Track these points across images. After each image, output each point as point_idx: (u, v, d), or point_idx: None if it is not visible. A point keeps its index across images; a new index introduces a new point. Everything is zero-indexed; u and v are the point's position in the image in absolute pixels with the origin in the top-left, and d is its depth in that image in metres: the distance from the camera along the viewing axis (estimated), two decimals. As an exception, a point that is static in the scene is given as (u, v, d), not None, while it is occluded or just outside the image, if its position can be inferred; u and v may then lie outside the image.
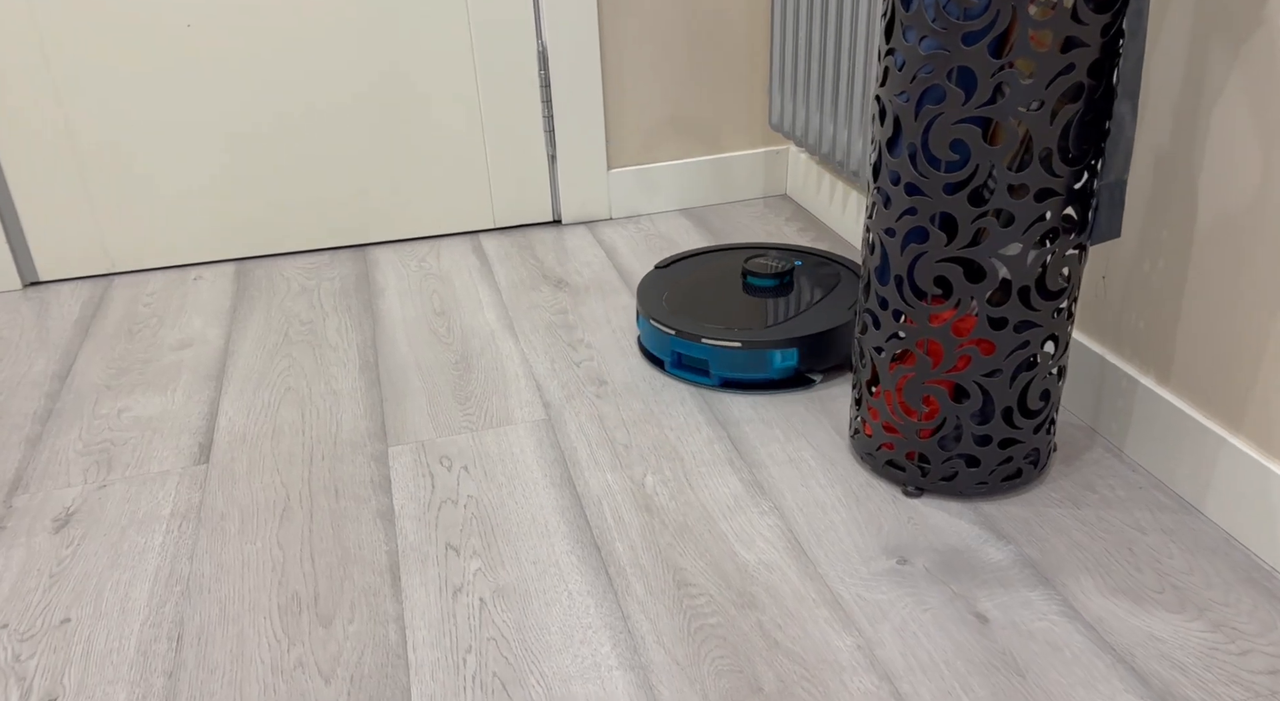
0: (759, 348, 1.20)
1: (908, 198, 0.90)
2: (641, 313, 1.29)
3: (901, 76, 0.87)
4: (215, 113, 1.55)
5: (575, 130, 1.69)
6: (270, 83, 1.55)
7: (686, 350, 1.24)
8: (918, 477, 1.01)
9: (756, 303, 1.28)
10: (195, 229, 1.62)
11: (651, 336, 1.28)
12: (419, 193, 1.68)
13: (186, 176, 1.58)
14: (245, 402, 1.25)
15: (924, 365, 0.95)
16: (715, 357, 1.22)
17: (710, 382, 1.24)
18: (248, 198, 1.62)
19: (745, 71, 1.74)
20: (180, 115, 1.54)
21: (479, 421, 1.20)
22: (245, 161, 1.59)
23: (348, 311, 1.48)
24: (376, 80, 1.59)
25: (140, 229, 1.60)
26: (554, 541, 0.99)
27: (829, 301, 1.27)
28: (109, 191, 1.57)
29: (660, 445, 1.13)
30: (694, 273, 1.37)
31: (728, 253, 1.43)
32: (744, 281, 1.33)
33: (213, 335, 1.42)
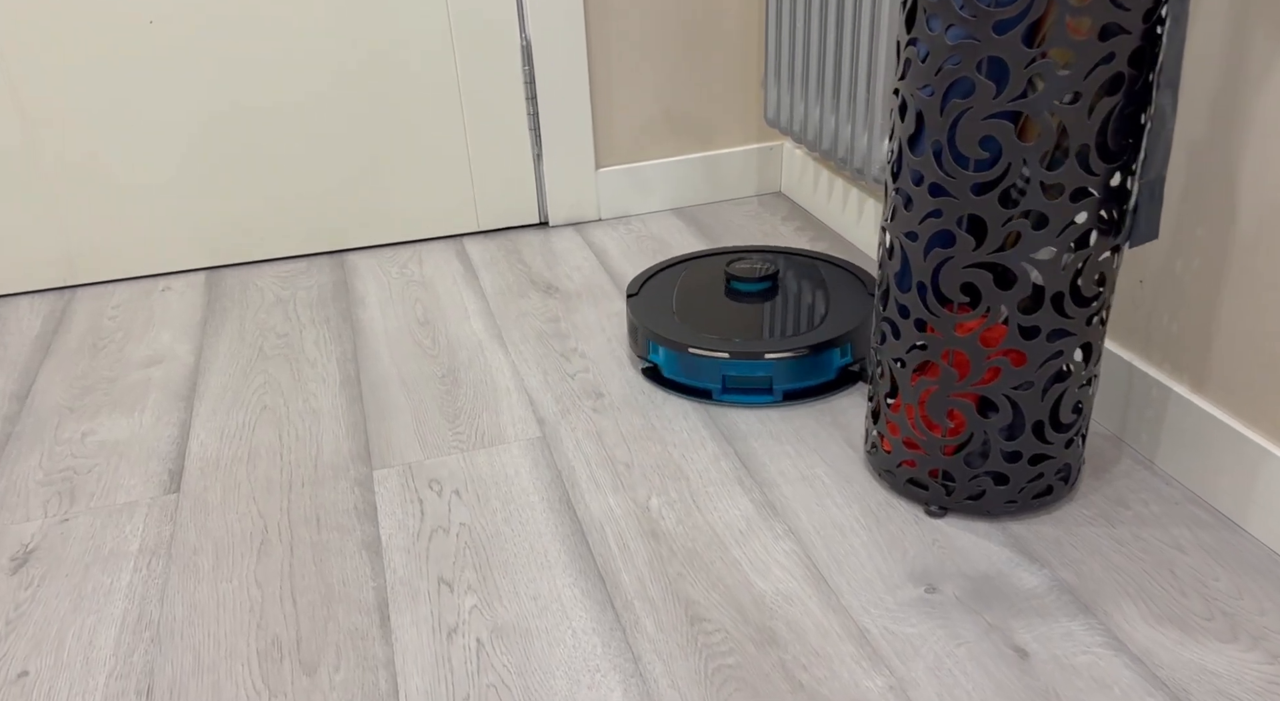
0: (822, 349, 1.13)
1: (932, 199, 0.84)
2: (665, 342, 1.15)
3: (925, 68, 0.81)
4: (182, 114, 1.47)
5: (562, 128, 1.62)
6: (239, 83, 1.47)
7: (744, 371, 1.12)
8: (942, 496, 0.94)
9: (765, 307, 1.21)
10: (163, 236, 1.54)
11: (688, 366, 1.15)
12: (399, 195, 1.61)
13: (153, 181, 1.50)
14: (218, 423, 1.17)
15: (949, 377, 0.89)
16: (780, 371, 1.12)
17: (771, 399, 1.14)
18: (218, 203, 1.54)
19: (738, 65, 1.67)
20: (145, 117, 1.46)
21: (469, 440, 1.12)
22: (215, 165, 1.51)
23: (326, 322, 1.40)
24: (352, 78, 1.51)
25: (104, 237, 1.52)
26: (555, 573, 0.92)
27: (840, 294, 1.22)
28: (71, 198, 1.48)
29: (664, 463, 1.06)
30: (677, 290, 1.26)
31: (697, 262, 1.34)
32: (730, 287, 1.26)
33: (183, 350, 1.34)
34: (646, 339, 1.18)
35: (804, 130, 1.46)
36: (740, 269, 1.26)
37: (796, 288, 1.25)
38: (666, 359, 1.17)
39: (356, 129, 1.54)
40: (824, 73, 1.37)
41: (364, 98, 1.52)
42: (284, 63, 1.47)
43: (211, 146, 1.50)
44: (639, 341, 1.20)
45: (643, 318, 1.21)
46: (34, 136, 1.43)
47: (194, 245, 1.56)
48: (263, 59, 1.46)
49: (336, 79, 1.50)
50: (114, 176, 1.48)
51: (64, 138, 1.44)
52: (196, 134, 1.48)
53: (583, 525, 0.98)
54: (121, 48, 1.41)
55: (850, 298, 1.22)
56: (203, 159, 1.50)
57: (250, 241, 1.58)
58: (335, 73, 1.50)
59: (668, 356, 1.16)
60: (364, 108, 1.53)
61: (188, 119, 1.47)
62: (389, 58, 1.51)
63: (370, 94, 1.52)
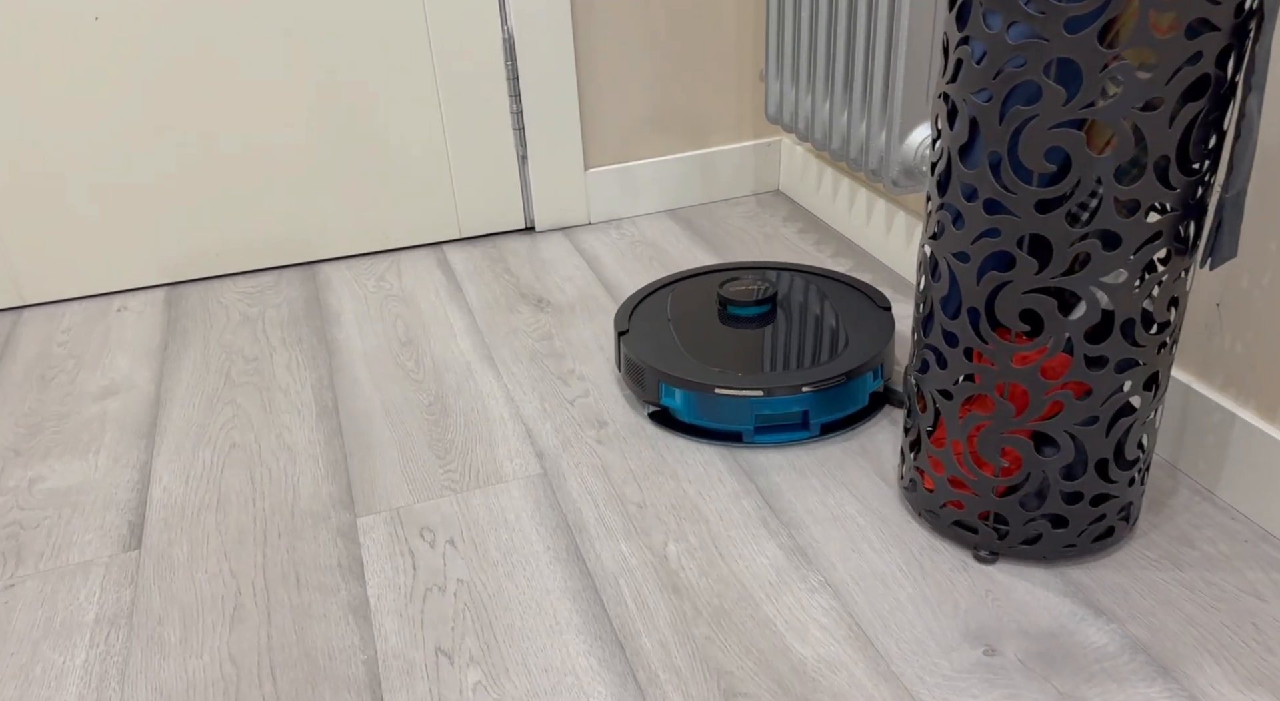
0: (858, 375, 1.03)
1: (988, 216, 0.75)
2: (683, 384, 1.03)
3: (981, 71, 0.71)
4: (135, 117, 1.34)
5: (548, 126, 1.51)
6: (195, 84, 1.35)
7: (779, 408, 1.01)
8: (992, 540, 0.85)
9: (771, 332, 1.11)
10: (117, 250, 1.42)
11: (713, 408, 1.03)
12: (373, 200, 1.49)
13: (105, 190, 1.38)
14: (183, 465, 1.06)
15: (1004, 412, 0.80)
16: (817, 403, 1.02)
17: (807, 435, 1.04)
18: (176, 213, 1.42)
19: (734, 57, 1.57)
20: (94, 120, 1.33)
21: (463, 479, 1.02)
22: (173, 172, 1.39)
23: (299, 344, 1.29)
24: (318, 75, 1.39)
25: (53, 252, 1.39)
26: (567, 638, 0.82)
27: (848, 312, 1.12)
28: (14, 210, 1.36)
29: (680, 503, 0.97)
30: (672, 320, 1.13)
31: (683, 285, 1.22)
32: (727, 311, 1.14)
33: (141, 379, 1.22)
34: (658, 381, 1.05)
35: (809, 127, 1.37)
36: (736, 292, 1.15)
37: (799, 307, 1.14)
38: (685, 402, 1.04)
39: (325, 130, 1.43)
40: (833, 65, 1.27)
41: (333, 96, 1.41)
42: (244, 60, 1.36)
43: (168, 152, 1.38)
44: (645, 384, 1.07)
45: (647, 356, 1.07)
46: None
47: (151, 260, 1.44)
48: (220, 56, 1.34)
49: (301, 76, 1.39)
50: (63, 189, 1.36)
51: (5, 149, 1.31)
52: (151, 139, 1.36)
53: (594, 579, 0.88)
54: (65, 49, 1.28)
55: (861, 314, 1.13)
56: (159, 166, 1.38)
57: (212, 254, 1.46)
58: (300, 69, 1.38)
59: (687, 399, 1.03)
60: (333, 107, 1.41)
61: (143, 126, 1.35)
62: (359, 53, 1.39)
63: (340, 94, 1.41)
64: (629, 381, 1.10)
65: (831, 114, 1.28)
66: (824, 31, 1.27)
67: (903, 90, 1.13)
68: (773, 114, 1.47)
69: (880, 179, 1.22)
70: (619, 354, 1.12)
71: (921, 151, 1.15)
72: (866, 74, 1.20)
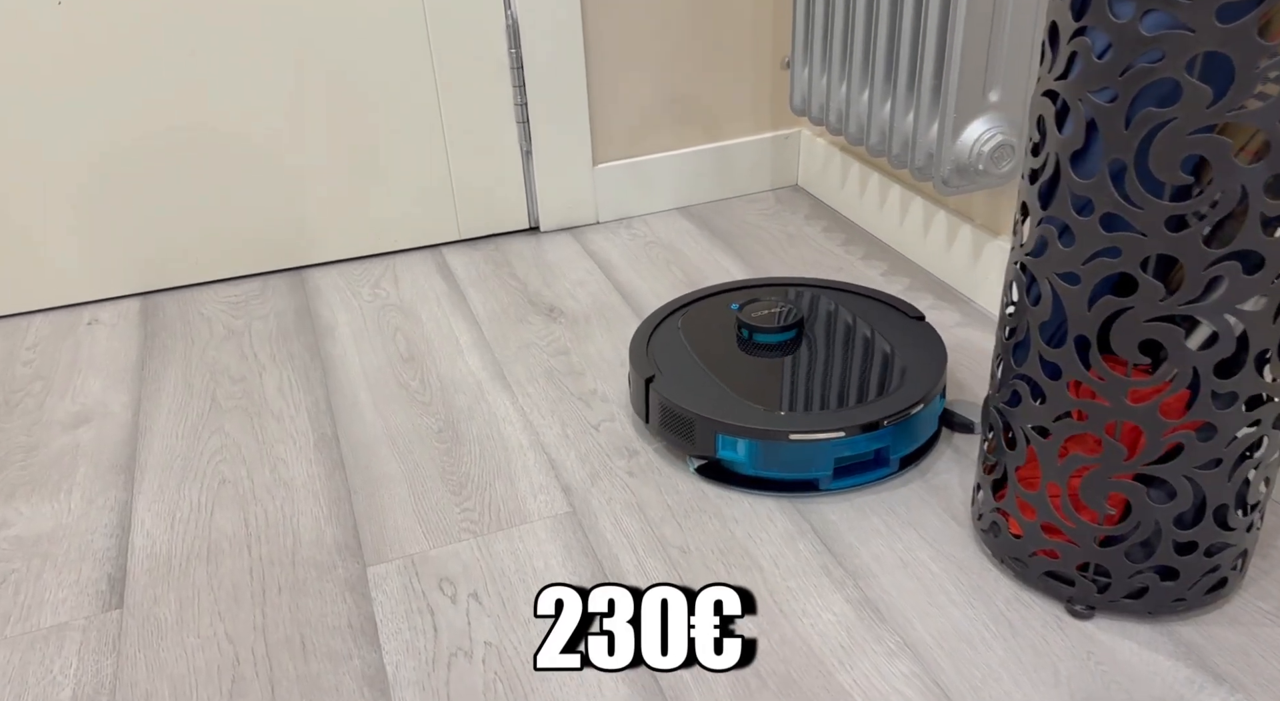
0: (930, 400, 0.92)
1: (1106, 233, 0.65)
2: (749, 433, 0.89)
3: (1104, 67, 0.61)
4: (103, 109, 1.22)
5: (554, 119, 1.40)
6: (169, 67, 1.23)
7: (859, 448, 0.89)
8: (1090, 593, 0.76)
9: (805, 359, 0.98)
10: (86, 256, 1.29)
11: (786, 456, 0.90)
12: (365, 199, 1.38)
13: (72, 190, 1.25)
14: (167, 505, 0.95)
15: (1113, 454, 0.70)
16: (897, 437, 0.91)
17: (887, 472, 0.93)
18: (151, 214, 1.30)
19: (750, 44, 1.46)
20: (59, 113, 1.21)
21: (483, 520, 0.92)
22: (146, 168, 1.27)
23: (290, 361, 1.17)
24: (306, 63, 1.27)
25: (14, 259, 1.27)
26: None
27: (886, 329, 1.02)
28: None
29: (727, 546, 0.87)
30: (699, 357, 0.99)
31: (690, 311, 1.08)
32: (754, 340, 1.01)
33: (117, 403, 1.11)
34: (713, 433, 0.91)
35: (843, 120, 1.26)
36: (759, 317, 1.02)
37: (827, 328, 1.03)
38: (750, 452, 0.90)
39: (312, 122, 1.31)
40: (873, 51, 1.16)
41: (321, 88, 1.29)
42: (220, 45, 1.23)
43: (141, 147, 1.25)
44: (697, 436, 0.92)
45: (693, 403, 0.92)
46: (-80, 144, 1.18)
47: (124, 265, 1.31)
48: (195, 41, 1.22)
49: (283, 63, 1.27)
50: (25, 188, 1.23)
51: (-42, 145, 1.19)
52: (122, 133, 1.24)
53: (641, 640, 0.78)
54: (25, 36, 1.16)
55: (897, 329, 1.02)
56: (131, 163, 1.26)
57: (191, 260, 1.34)
58: (282, 55, 1.26)
59: (752, 449, 0.90)
60: (320, 97, 1.29)
61: (112, 119, 1.22)
62: (349, 38, 1.27)
63: (329, 84, 1.29)
64: (667, 433, 0.95)
65: (871, 105, 1.18)
66: (862, 13, 1.16)
67: (958, 80, 1.03)
68: (798, 105, 1.36)
69: (926, 178, 1.12)
70: (646, 402, 0.97)
71: (979, 149, 1.05)
72: (915, 61, 1.10)
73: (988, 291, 1.19)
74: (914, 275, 1.29)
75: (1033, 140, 0.70)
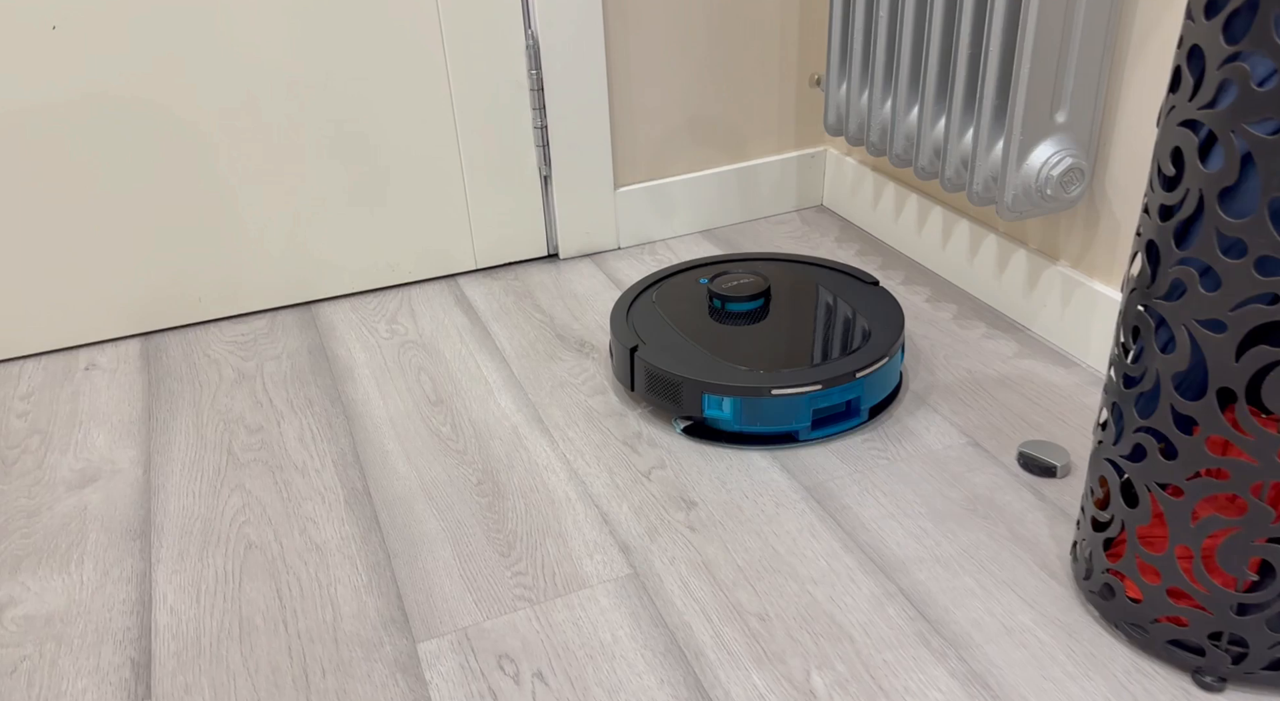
0: (896, 353, 1.02)
1: (1260, 278, 0.59)
2: (735, 391, 0.97)
3: (1266, 96, 0.55)
4: (97, 137, 1.14)
5: (575, 141, 1.33)
6: (166, 87, 1.15)
7: (832, 399, 0.98)
8: (1223, 664, 0.70)
9: (778, 325, 1.07)
10: (83, 295, 1.21)
11: (768, 411, 0.97)
12: (377, 227, 1.30)
13: (65, 224, 1.16)
14: (190, 575, 0.87)
15: (1260, 517, 0.64)
16: (868, 389, 0.99)
17: (859, 421, 1.01)
18: (150, 248, 1.21)
19: (775, 62, 1.40)
20: (49, 142, 1.12)
21: (537, 584, 0.84)
22: (144, 198, 1.18)
23: (309, 407, 1.09)
24: (316, 83, 1.19)
25: (6, 301, 1.18)
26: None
27: (845, 292, 1.13)
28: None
29: (809, 612, 0.80)
30: (677, 326, 1.07)
31: (659, 289, 1.15)
32: (726, 309, 1.10)
33: (125, 459, 1.02)
34: (700, 393, 0.98)
35: (887, 140, 1.20)
36: (729, 289, 1.10)
37: (791, 295, 1.12)
38: (734, 409, 0.98)
39: (323, 150, 1.23)
40: (923, 67, 1.10)
41: (333, 111, 1.21)
42: (228, 59, 1.15)
43: (138, 176, 1.17)
44: (684, 398, 0.99)
45: (679, 367, 1.00)
46: (-99, 179, 1.09)
47: (123, 304, 1.23)
48: (200, 55, 1.14)
49: (298, 87, 1.19)
50: (15, 224, 1.14)
51: (-58, 179, 1.10)
52: (120, 165, 1.15)
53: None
54: (18, 59, 1.07)
55: (856, 293, 1.11)
56: (127, 190, 1.17)
57: (194, 297, 1.26)
58: (296, 80, 1.18)
59: (736, 406, 0.98)
60: (332, 123, 1.22)
61: (107, 147, 1.14)
62: (364, 63, 1.20)
63: (341, 107, 1.21)
64: (653, 397, 1.02)
65: (921, 125, 1.12)
66: (911, 24, 1.10)
67: (1025, 98, 0.97)
68: (833, 123, 1.30)
69: (986, 202, 1.07)
70: (631, 370, 1.04)
71: (1047, 173, 1.00)
72: (974, 78, 1.04)
73: (1046, 319, 1.14)
74: (960, 301, 1.24)
75: (1165, 173, 0.64)
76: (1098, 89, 0.98)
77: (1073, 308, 1.10)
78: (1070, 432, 0.99)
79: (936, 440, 0.99)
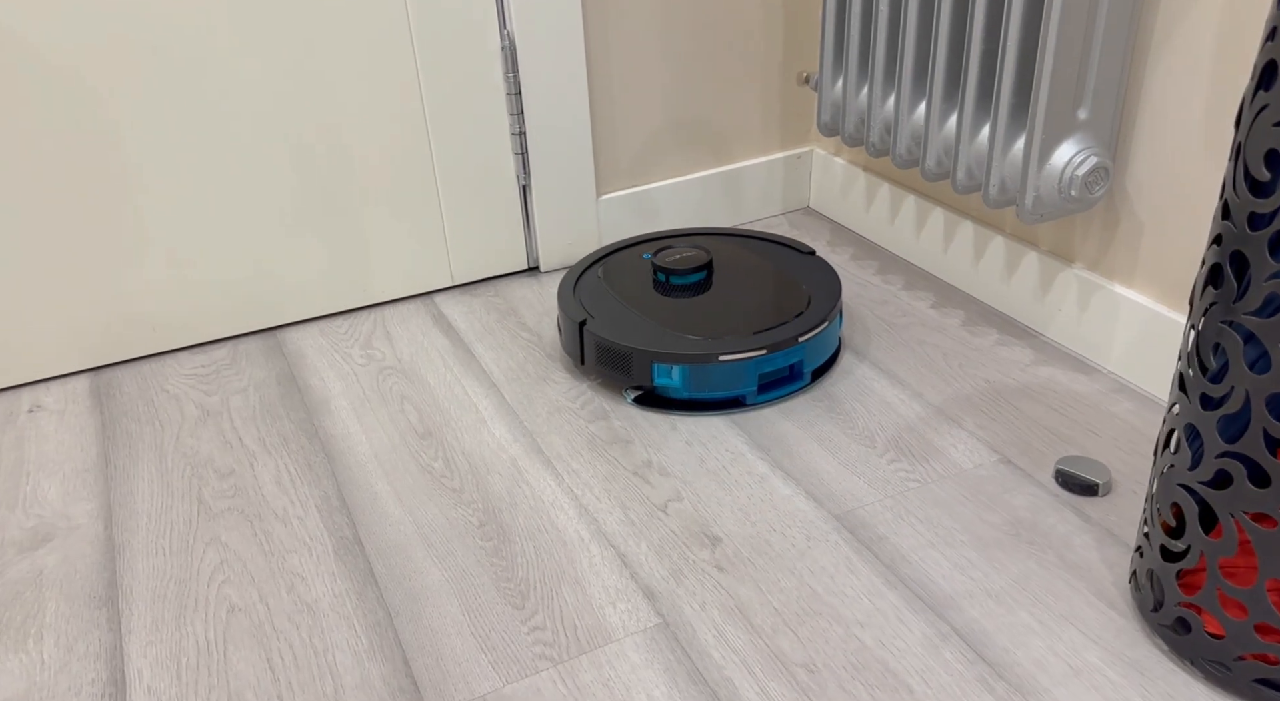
0: (835, 318, 1.06)
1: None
2: (684, 360, 1.00)
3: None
4: (37, 142, 1.03)
5: (555, 148, 1.25)
6: (113, 92, 1.04)
7: (776, 364, 1.01)
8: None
9: (720, 295, 1.10)
10: (23, 328, 1.10)
11: (717, 377, 1.00)
12: (345, 244, 1.21)
13: (3, 247, 1.06)
14: (168, 647, 0.78)
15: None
16: (809, 352, 1.03)
17: (802, 384, 1.05)
18: (98, 274, 1.11)
19: (760, 60, 1.33)
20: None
21: (558, 640, 0.77)
22: (89, 218, 1.08)
23: (284, 446, 1.00)
24: (279, 89, 1.10)
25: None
26: None
27: (783, 262, 1.17)
28: (-122, 292, 1.03)
29: (861, 660, 0.74)
30: (623, 300, 1.09)
31: (606, 264, 1.17)
32: (671, 282, 1.12)
33: (82, 513, 0.93)
34: (649, 362, 1.01)
35: (889, 140, 1.15)
36: (672, 262, 1.12)
37: (732, 268, 1.14)
38: (683, 377, 1.01)
39: (285, 161, 1.14)
40: (931, 62, 1.05)
41: (295, 120, 1.12)
42: (184, 68, 1.06)
43: (87, 198, 1.07)
44: (634, 368, 1.02)
45: (628, 339, 1.02)
46: None
47: (67, 336, 1.12)
48: (138, 52, 1.04)
49: (260, 94, 1.09)
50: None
51: None
52: (63, 181, 1.05)
53: (792, 794, 0.65)
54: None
55: (797, 265, 1.14)
56: (75, 217, 1.07)
57: (148, 326, 1.15)
58: (258, 86, 1.09)
59: (685, 374, 1.01)
60: (295, 133, 1.13)
61: (49, 162, 1.04)
62: (329, 67, 1.11)
63: (304, 115, 1.12)
64: (603, 369, 1.04)
65: (929, 124, 1.06)
66: (915, 16, 1.05)
67: (1049, 93, 0.92)
68: (827, 123, 1.24)
69: (1002, 204, 1.01)
70: (581, 344, 1.05)
71: (1071, 173, 0.94)
72: (989, 72, 0.99)
73: (1061, 324, 1.09)
74: (967, 306, 1.18)
75: (1255, 177, 0.59)
76: (1120, 82, 0.94)
77: (1091, 312, 1.05)
78: (1103, 446, 0.94)
79: (966, 458, 0.94)
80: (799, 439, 0.98)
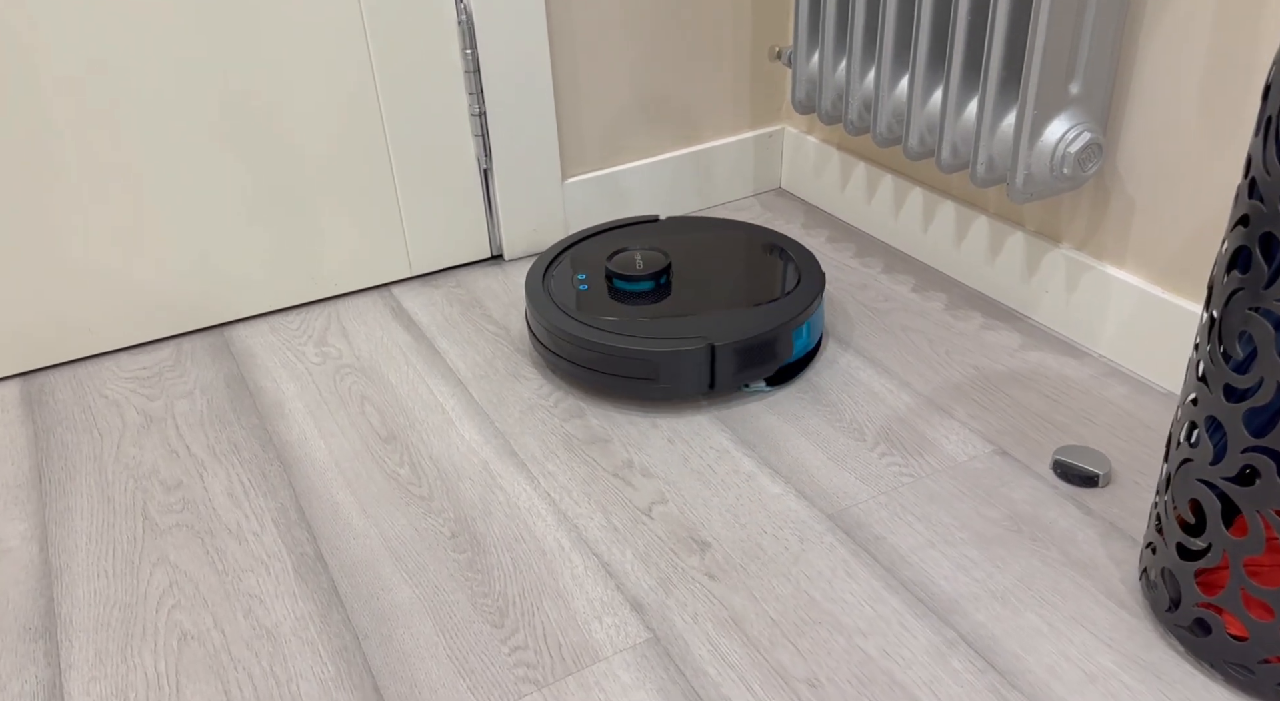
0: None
1: None
2: None
3: None
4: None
5: (517, 129, 1.19)
6: (41, 74, 0.96)
7: None
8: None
9: (699, 278, 1.05)
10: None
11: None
12: (294, 234, 1.14)
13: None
14: (113, 683, 0.71)
15: (1404, 547, 0.56)
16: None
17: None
18: (27, 270, 1.03)
19: (729, 34, 1.28)
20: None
21: (541, 662, 0.71)
22: (17, 212, 1.00)
23: (235, 454, 0.94)
24: (219, 67, 1.02)
25: None
26: None
27: (725, 242, 1.13)
28: None
29: (866, 673, 0.69)
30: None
31: (558, 262, 1.09)
32: (624, 287, 1.04)
33: (14, 535, 0.85)
34: (792, 331, 0.97)
35: (869, 117, 1.10)
36: (623, 262, 1.05)
37: (691, 265, 1.07)
38: (809, 330, 0.99)
39: (225, 140, 1.06)
40: (914, 33, 1.00)
41: (237, 98, 1.04)
42: (118, 48, 0.98)
43: (9, 178, 0.99)
44: (779, 348, 0.97)
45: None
46: None
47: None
48: (87, 49, 0.96)
49: (188, 70, 1.02)
50: None
51: None
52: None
53: (802, 824, 0.60)
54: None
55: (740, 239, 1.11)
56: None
57: (83, 326, 1.07)
58: (185, 61, 1.01)
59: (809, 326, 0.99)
60: (240, 114, 1.05)
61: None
62: (271, 41, 1.03)
63: (248, 96, 1.04)
64: (739, 377, 0.96)
65: (911, 99, 1.02)
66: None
67: (1040, 66, 0.87)
68: (802, 99, 1.19)
69: (990, 183, 0.97)
70: (713, 368, 0.95)
71: (1064, 150, 0.90)
72: (976, 44, 0.94)
73: (1049, 307, 1.05)
74: (949, 289, 1.14)
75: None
76: (1112, 55, 0.89)
77: (1080, 293, 1.01)
78: (1100, 434, 0.90)
79: (959, 450, 0.90)
80: (785, 433, 0.93)
